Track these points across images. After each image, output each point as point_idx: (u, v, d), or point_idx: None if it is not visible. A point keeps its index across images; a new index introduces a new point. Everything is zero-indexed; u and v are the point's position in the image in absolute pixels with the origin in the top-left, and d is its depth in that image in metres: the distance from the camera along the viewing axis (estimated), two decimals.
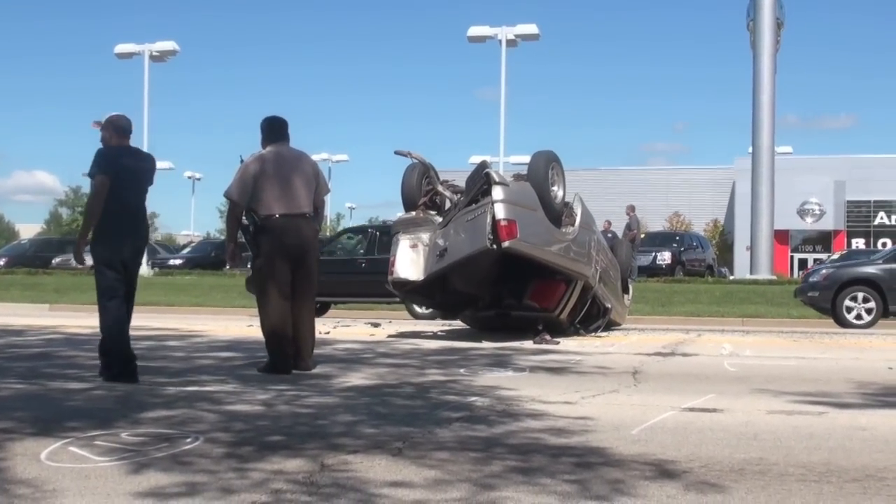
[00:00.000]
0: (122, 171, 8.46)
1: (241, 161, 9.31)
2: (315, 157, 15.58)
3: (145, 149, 11.93)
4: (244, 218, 9.32)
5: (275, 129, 9.44)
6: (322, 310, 20.44)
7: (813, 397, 7.72)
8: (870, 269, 20.12)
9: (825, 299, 19.57)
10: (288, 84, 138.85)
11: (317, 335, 9.65)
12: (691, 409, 7.00)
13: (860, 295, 19.29)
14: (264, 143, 9.39)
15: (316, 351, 9.57)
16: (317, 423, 6.24)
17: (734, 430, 6.13)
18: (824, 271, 20.99)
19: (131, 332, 8.74)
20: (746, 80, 32.27)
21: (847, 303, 19.31)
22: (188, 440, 5.58)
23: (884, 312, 19.32)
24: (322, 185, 9.47)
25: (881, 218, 58.70)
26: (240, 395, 7.50)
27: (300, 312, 9.25)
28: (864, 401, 7.68)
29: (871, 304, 19.23)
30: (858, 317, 19.22)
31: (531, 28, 38.41)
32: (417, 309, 18.74)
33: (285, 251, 9.13)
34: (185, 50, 47.83)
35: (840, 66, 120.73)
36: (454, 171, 24.75)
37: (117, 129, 8.71)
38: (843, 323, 19.07)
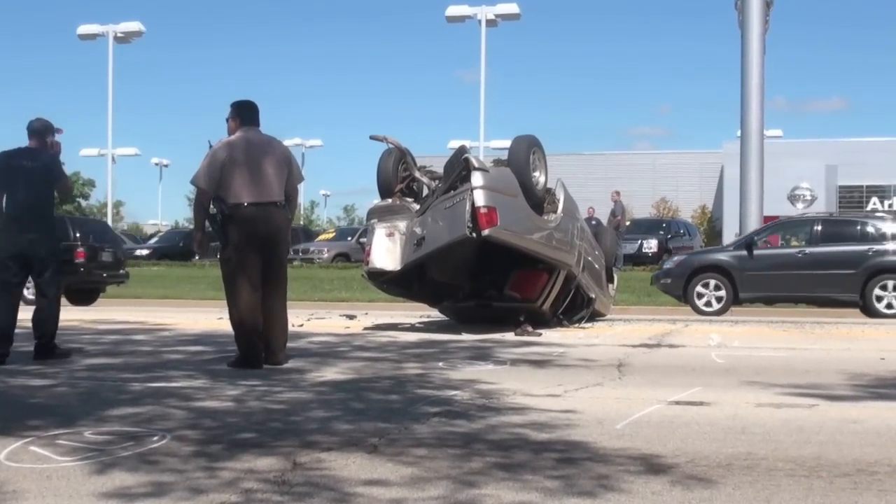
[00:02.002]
0: (10, 171, 9.58)
1: (210, 146, 9.28)
2: (287, 143, 15.55)
3: (109, 134, 12.26)
4: (212, 206, 9.30)
5: (244, 114, 9.40)
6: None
7: (803, 389, 7.77)
8: (720, 256, 20.68)
9: (677, 286, 20.20)
10: (259, 65, 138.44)
11: (290, 328, 9.64)
12: (678, 403, 7.02)
13: (711, 282, 19.79)
14: (234, 128, 9.36)
15: (289, 344, 9.56)
16: (289, 419, 6.24)
17: (722, 423, 6.16)
18: (677, 258, 21.78)
19: (92, 325, 8.72)
20: (734, 62, 32.32)
21: (699, 289, 19.86)
22: (155, 438, 5.57)
23: (734, 300, 19.83)
24: (295, 173, 9.43)
25: (874, 203, 58.89)
26: (209, 391, 7.49)
27: (272, 305, 9.23)
28: (855, 393, 7.72)
29: (722, 292, 19.74)
30: (708, 304, 19.72)
31: (511, 7, 38.45)
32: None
33: (255, 241, 9.09)
34: (150, 30, 47.68)
35: (831, 46, 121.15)
36: (432, 157, 24.76)
37: (27, 131, 9.90)
38: (696, 310, 19.65)
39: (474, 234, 12.55)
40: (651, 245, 34.00)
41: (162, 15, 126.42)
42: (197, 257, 30.16)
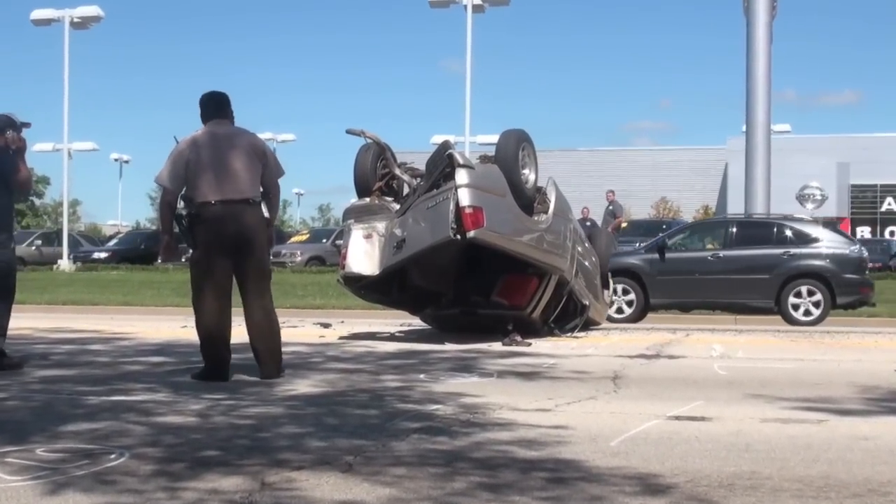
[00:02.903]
0: None
1: (176, 142, 9.27)
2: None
3: (65, 128, 12.30)
4: (180, 207, 9.29)
5: (212, 107, 9.39)
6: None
7: (811, 404, 7.79)
8: (631, 260, 20.84)
9: None
10: (227, 55, 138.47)
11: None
12: (677, 418, 7.04)
13: (620, 287, 19.89)
14: (203, 121, 9.36)
15: (252, 355, 9.52)
16: (258, 436, 6.23)
17: (724, 440, 6.18)
18: None
19: (46, 334, 8.70)
20: (739, 51, 32.37)
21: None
22: (112, 456, 5.56)
23: (645, 306, 20.07)
24: (272, 166, 9.38)
25: (889, 203, 59.21)
26: (171, 406, 7.47)
27: (253, 311, 9.23)
28: (867, 407, 7.75)
29: (632, 297, 19.96)
30: (620, 310, 19.85)
31: None
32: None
33: (224, 242, 9.07)
34: (110, 16, 47.58)
35: (843, 35, 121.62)
36: (414, 153, 24.77)
37: None
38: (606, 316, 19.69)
39: (459, 236, 12.55)
40: None
41: (123, 1, 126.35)
42: (160, 260, 30.09)
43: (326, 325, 16.85)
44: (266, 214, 9.43)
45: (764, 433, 6.46)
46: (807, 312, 19.40)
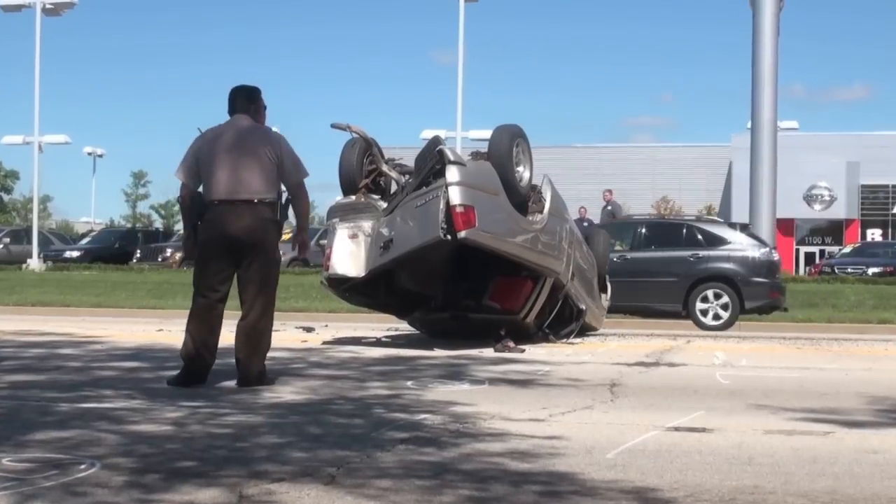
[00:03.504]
0: None
1: (199, 133, 9.45)
2: None
3: (36, 119, 12.22)
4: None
5: (234, 100, 9.46)
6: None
7: (817, 414, 7.81)
8: None
9: None
10: (208, 47, 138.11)
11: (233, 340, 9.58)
12: (676, 429, 7.05)
13: None
14: (229, 115, 9.48)
15: (233, 360, 9.51)
16: (236, 445, 6.22)
17: (725, 452, 6.19)
18: None
19: (14, 337, 8.69)
20: (745, 44, 32.44)
21: None
22: (83, 466, 5.54)
23: None
24: (288, 168, 9.23)
25: None
26: (146, 413, 7.46)
27: (243, 316, 9.22)
28: (876, 419, 7.77)
29: None
30: None
31: None
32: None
33: (220, 243, 9.08)
34: (84, 4, 47.46)
35: (853, 29, 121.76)
36: (402, 148, 24.74)
37: None
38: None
39: (449, 237, 12.55)
40: None
41: None
42: (180, 256, 30.10)
43: (309, 330, 16.85)
44: (290, 216, 9.48)
45: (767, 445, 6.47)
46: (716, 316, 19.73)
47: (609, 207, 31.19)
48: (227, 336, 9.27)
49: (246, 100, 9.43)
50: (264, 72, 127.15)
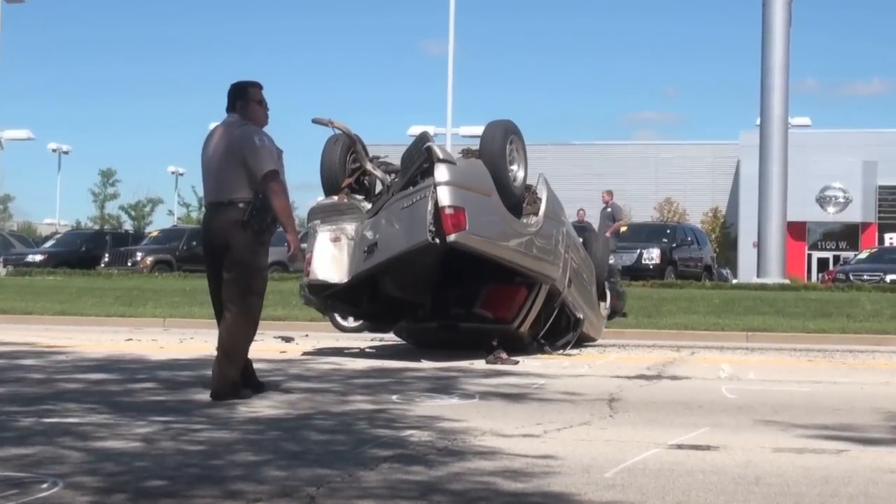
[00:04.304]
0: None
1: None
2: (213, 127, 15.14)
3: None
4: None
5: (228, 98, 9.72)
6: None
7: (830, 431, 7.82)
8: None
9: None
10: (180, 40, 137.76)
11: (212, 352, 9.59)
12: (679, 447, 7.06)
13: None
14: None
15: (207, 373, 9.51)
16: (210, 463, 6.22)
17: (732, 472, 6.20)
18: None
19: None
20: (755, 34, 32.49)
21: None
22: (45, 486, 5.54)
23: None
24: (251, 161, 9.27)
25: None
26: (113, 429, 7.46)
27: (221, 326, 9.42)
28: (893, 436, 7.78)
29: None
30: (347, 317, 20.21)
31: None
32: (342, 321, 18.72)
33: (205, 250, 9.54)
34: None
35: (870, 19, 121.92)
36: (388, 146, 24.76)
37: None
38: (335, 325, 20.08)
39: (437, 240, 12.54)
40: (652, 255, 34.07)
41: None
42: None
43: (288, 340, 16.84)
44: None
45: (777, 464, 6.49)
46: None
47: (609, 209, 31.23)
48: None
49: (232, 97, 9.64)
50: (239, 66, 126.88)
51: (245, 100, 9.59)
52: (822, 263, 57.47)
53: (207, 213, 9.64)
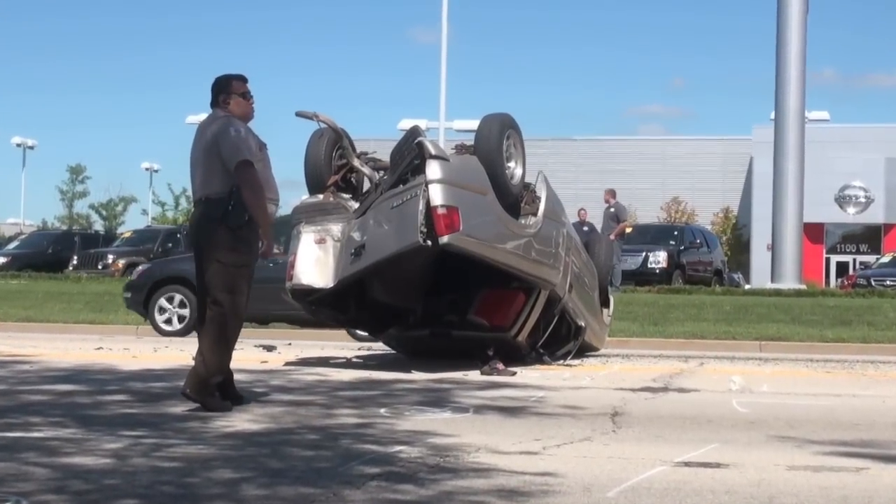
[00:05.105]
0: None
1: None
2: (191, 121, 15.20)
3: None
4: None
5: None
6: None
7: (849, 448, 7.84)
8: (186, 266, 21.67)
9: (137, 301, 21.35)
10: (156, 30, 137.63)
11: (188, 362, 9.63)
12: (687, 464, 7.07)
13: (176, 297, 20.97)
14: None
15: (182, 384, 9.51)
16: (185, 481, 6.23)
17: (743, 491, 6.21)
18: (142, 267, 23.77)
19: None
20: (769, 22, 32.50)
21: (161, 303, 21.05)
22: None
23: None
24: (224, 152, 9.43)
25: None
26: (81, 444, 7.46)
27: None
28: None
29: (187, 310, 20.70)
30: (169, 321, 20.98)
31: None
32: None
33: (192, 248, 9.83)
34: None
35: (893, 4, 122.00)
36: (377, 141, 24.84)
37: None
38: (157, 329, 20.87)
39: (429, 242, 12.55)
40: (659, 259, 34.04)
41: None
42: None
43: (270, 349, 16.84)
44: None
45: (791, 483, 6.50)
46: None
47: (612, 209, 31.26)
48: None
49: (216, 91, 9.85)
50: (218, 58, 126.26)
51: (228, 93, 9.73)
52: (842, 268, 57.54)
53: (193, 209, 9.90)
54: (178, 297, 20.80)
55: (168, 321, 20.79)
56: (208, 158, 9.52)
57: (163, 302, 20.87)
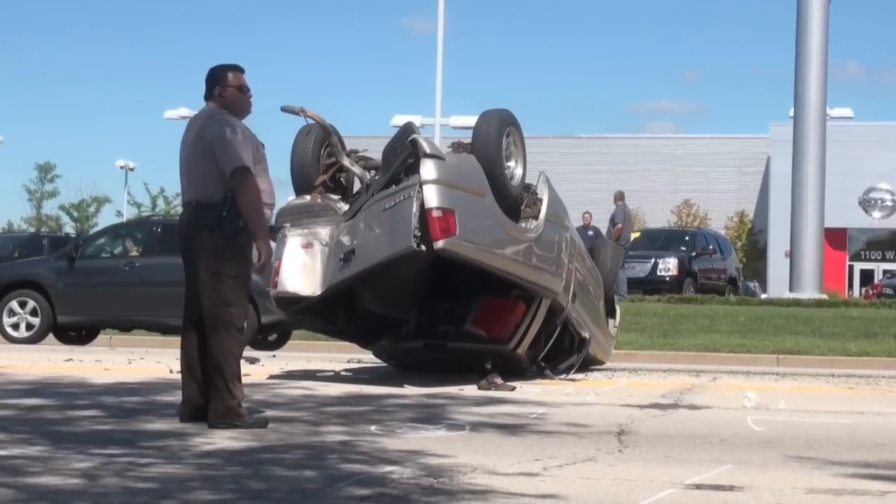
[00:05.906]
0: None
1: None
2: (170, 117, 15.15)
3: None
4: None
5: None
6: (89, 337, 22.06)
7: (874, 470, 7.84)
8: (36, 269, 22.66)
9: None
10: (133, 17, 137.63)
11: (166, 375, 9.65)
12: (698, 486, 7.07)
13: (29, 302, 21.39)
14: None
15: (164, 398, 9.56)
16: (161, 503, 6.22)
17: None
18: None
19: None
20: (788, 13, 32.53)
21: (12, 307, 21.42)
22: None
23: (53, 324, 21.31)
24: (219, 155, 9.39)
25: None
26: (48, 463, 7.45)
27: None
28: None
29: (37, 317, 21.19)
30: (16, 326, 21.40)
31: None
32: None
33: (181, 254, 9.71)
34: None
35: None
36: (368, 138, 24.85)
37: None
38: (6, 335, 21.24)
39: (423, 247, 12.55)
40: (669, 266, 34.07)
41: None
42: None
43: (253, 361, 16.83)
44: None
45: None
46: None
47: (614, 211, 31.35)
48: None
49: (210, 83, 9.77)
50: (197, 48, 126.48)
51: (223, 86, 9.65)
52: (866, 276, 57.64)
53: (181, 215, 9.86)
54: (31, 303, 21.14)
55: (16, 326, 21.12)
56: (201, 159, 9.43)
57: (14, 305, 21.16)
